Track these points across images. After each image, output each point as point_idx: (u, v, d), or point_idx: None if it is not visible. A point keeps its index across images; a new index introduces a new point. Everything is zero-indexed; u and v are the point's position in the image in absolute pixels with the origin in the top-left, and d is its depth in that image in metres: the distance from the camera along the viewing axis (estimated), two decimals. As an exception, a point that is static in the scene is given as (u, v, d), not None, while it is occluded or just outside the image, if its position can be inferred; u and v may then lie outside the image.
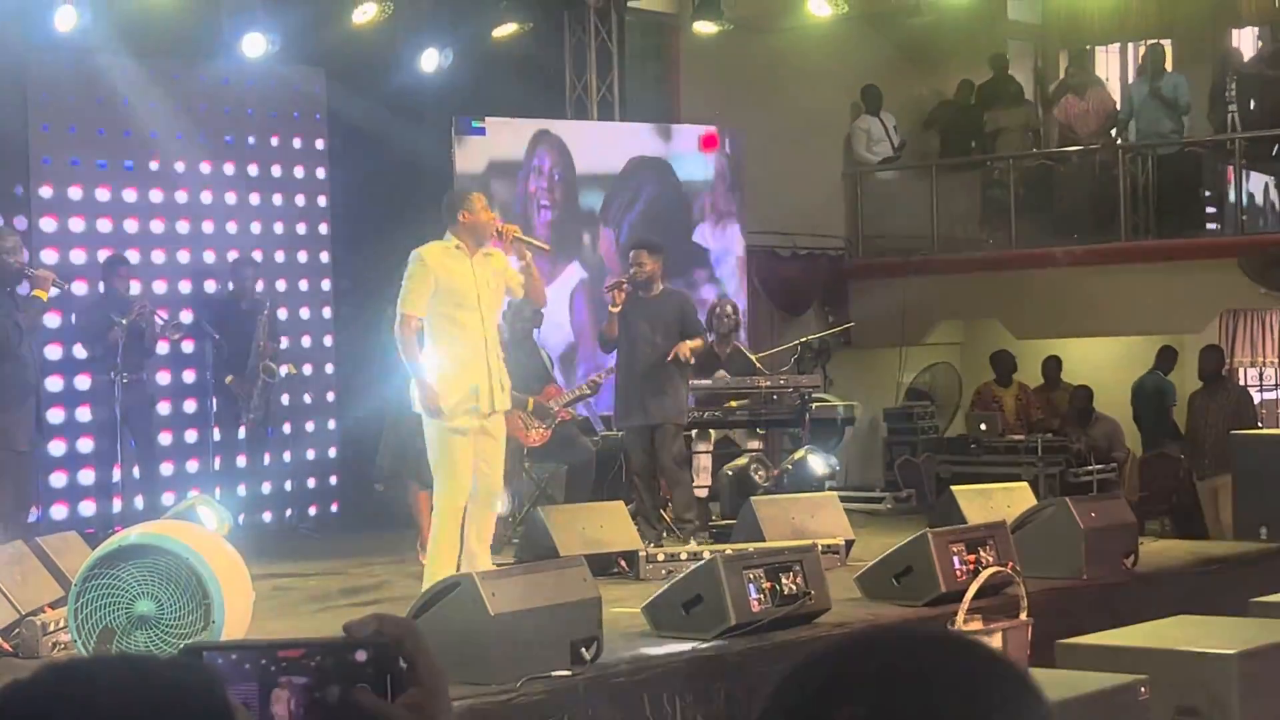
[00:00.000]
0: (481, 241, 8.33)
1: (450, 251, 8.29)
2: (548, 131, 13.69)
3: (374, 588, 9.61)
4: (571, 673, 6.66)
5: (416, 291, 8.20)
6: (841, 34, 15.06)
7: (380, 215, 12.81)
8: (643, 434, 10.52)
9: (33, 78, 11.67)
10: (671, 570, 9.20)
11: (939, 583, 8.02)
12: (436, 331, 8.25)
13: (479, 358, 8.22)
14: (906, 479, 14.20)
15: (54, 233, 11.73)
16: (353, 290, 13.16)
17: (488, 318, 8.31)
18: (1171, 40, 17.36)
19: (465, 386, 8.17)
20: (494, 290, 8.37)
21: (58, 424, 11.59)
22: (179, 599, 5.41)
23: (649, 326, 10.45)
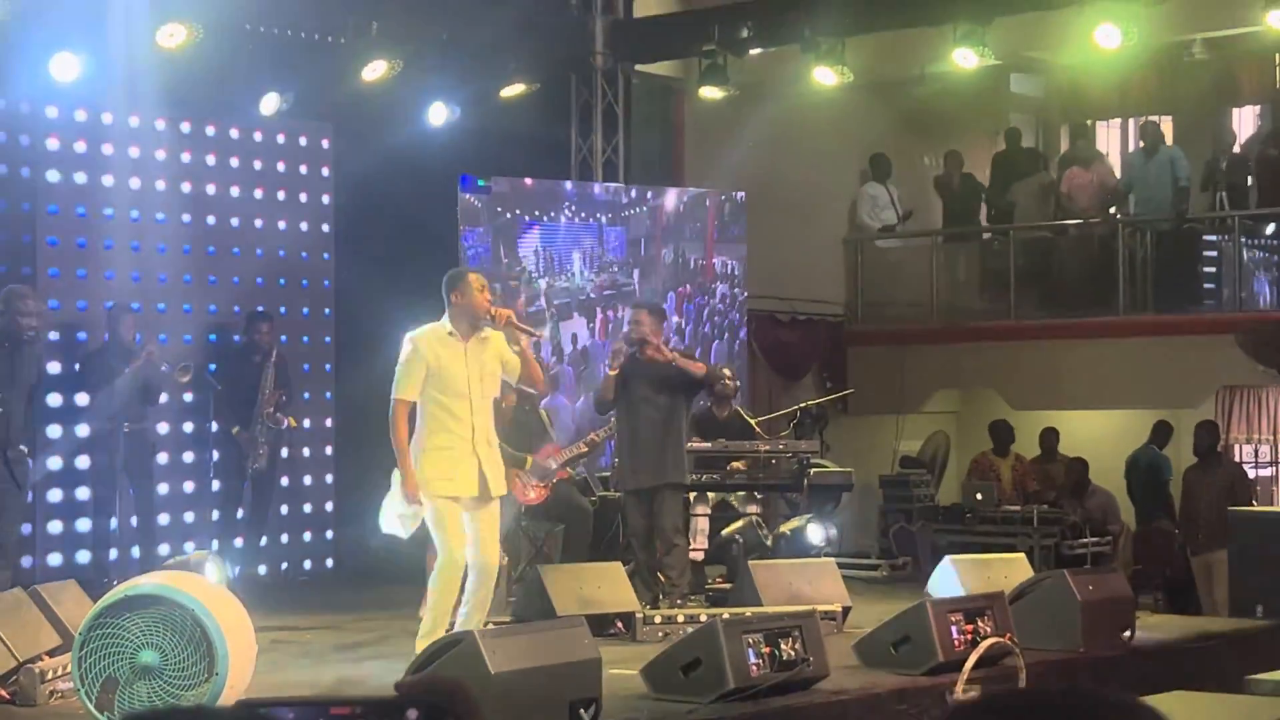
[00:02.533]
0: (476, 325, 8.23)
1: (443, 338, 8.22)
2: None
3: (371, 643, 9.61)
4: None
5: (408, 377, 8.17)
6: (846, 102, 15.15)
7: (384, 271, 12.86)
8: (643, 496, 10.51)
9: (42, 128, 11.75)
10: (669, 632, 9.23)
11: (937, 652, 8.02)
12: (428, 416, 8.18)
13: (466, 446, 8.15)
14: (902, 546, 14.20)
15: (59, 280, 11.77)
16: (354, 345, 13.21)
17: (478, 406, 8.22)
18: (1173, 117, 17.50)
19: (453, 474, 8.12)
20: (488, 377, 8.28)
21: (57, 471, 11.62)
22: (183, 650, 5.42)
23: (649, 388, 10.45)
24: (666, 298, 14.10)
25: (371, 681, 8.09)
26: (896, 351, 16.23)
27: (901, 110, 17.21)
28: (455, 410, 8.14)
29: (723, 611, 9.16)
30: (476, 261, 13.19)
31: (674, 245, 14.35)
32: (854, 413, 15.88)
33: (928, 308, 16.85)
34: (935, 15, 13.05)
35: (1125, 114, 18.63)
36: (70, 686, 7.21)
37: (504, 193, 13.41)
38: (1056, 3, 12.80)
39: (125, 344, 11.46)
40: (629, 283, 14.08)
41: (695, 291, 14.44)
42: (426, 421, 8.18)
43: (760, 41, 13.77)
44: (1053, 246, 16.81)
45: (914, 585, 12.22)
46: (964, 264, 17.49)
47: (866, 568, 13.40)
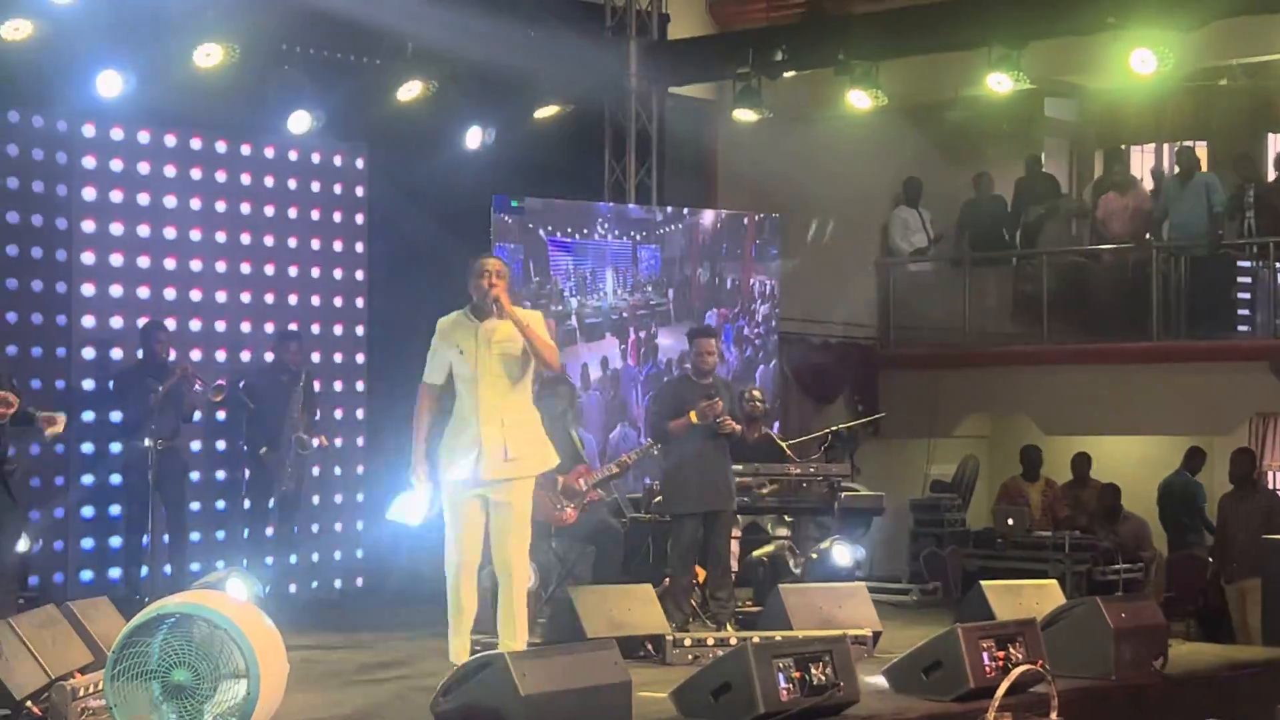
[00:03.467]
0: (486, 308, 8.28)
1: (459, 320, 8.35)
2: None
3: (400, 662, 9.60)
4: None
5: (431, 362, 8.37)
6: (879, 125, 15.15)
7: (417, 291, 12.88)
8: (696, 519, 10.51)
9: (78, 144, 11.81)
10: (698, 655, 9.21)
11: (968, 678, 7.99)
12: (455, 401, 8.32)
13: (471, 427, 8.17)
14: (932, 571, 14.15)
15: (94, 298, 11.83)
16: (386, 365, 13.23)
17: (486, 384, 8.20)
18: (1208, 143, 17.45)
19: (459, 455, 8.16)
20: (496, 357, 8.24)
21: (89, 488, 11.66)
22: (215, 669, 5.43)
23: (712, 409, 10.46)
24: (707, 316, 14.10)
25: (400, 702, 8.09)
26: (928, 375, 16.20)
27: (935, 134, 17.21)
28: (465, 391, 8.23)
29: (752, 635, 9.14)
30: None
31: (710, 264, 14.34)
32: (885, 436, 15.85)
33: (959, 331, 16.81)
34: (970, 39, 13.04)
35: (1160, 139, 18.60)
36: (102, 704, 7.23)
37: (537, 212, 13.43)
38: (1092, 28, 12.77)
39: (159, 361, 11.50)
40: (663, 302, 14.07)
41: (737, 313, 14.44)
42: (453, 406, 8.31)
43: (794, 64, 13.77)
44: (1086, 271, 16.76)
45: (944, 610, 12.19)
46: (996, 288, 17.45)
47: (897, 592, 13.35)
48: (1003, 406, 16.92)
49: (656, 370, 13.88)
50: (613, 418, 13.76)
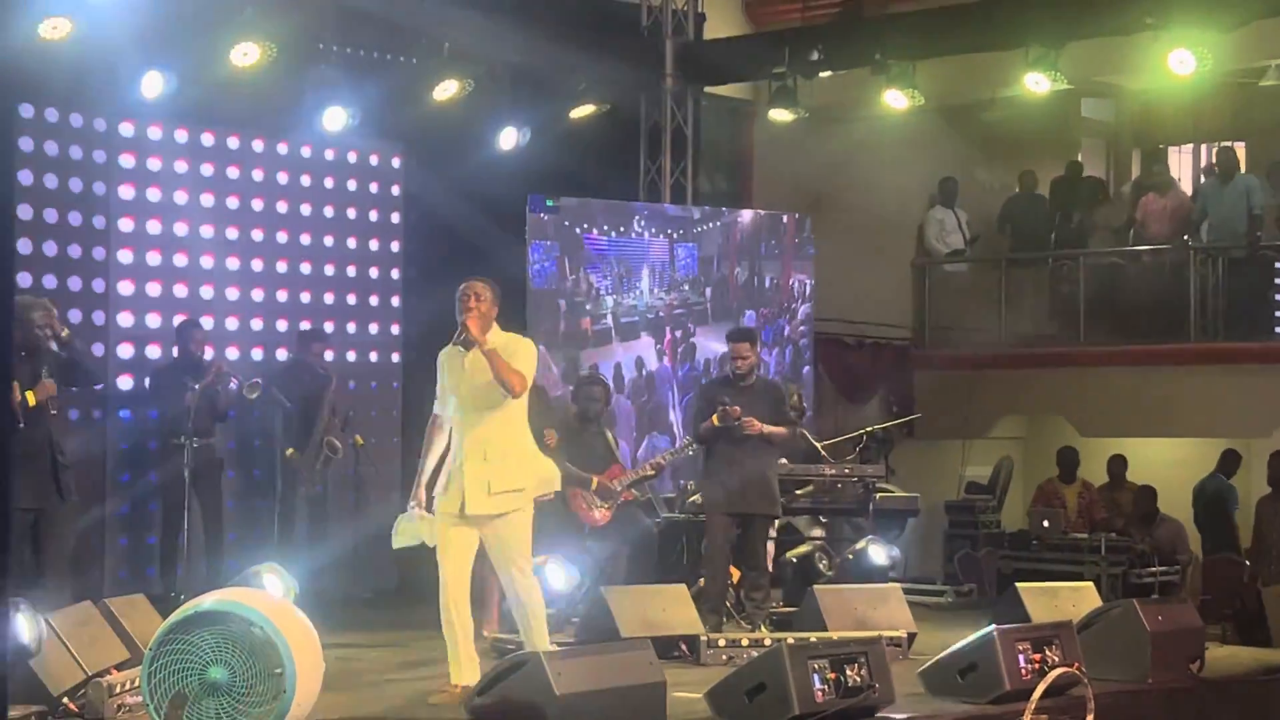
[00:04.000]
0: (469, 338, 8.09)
1: (450, 351, 8.23)
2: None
3: (434, 662, 9.58)
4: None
5: (438, 392, 8.30)
6: (916, 126, 15.12)
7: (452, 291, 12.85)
8: (733, 521, 10.50)
9: (116, 144, 11.86)
10: (733, 656, 9.20)
11: (1004, 681, 7.95)
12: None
13: (456, 459, 8.06)
14: (967, 573, 14.10)
15: (131, 296, 11.87)
16: (421, 364, 13.22)
17: (469, 416, 8.06)
18: (1246, 143, 17.34)
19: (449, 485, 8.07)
20: (477, 387, 8.05)
21: (126, 486, 11.70)
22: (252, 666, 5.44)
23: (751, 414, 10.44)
24: (745, 316, 14.08)
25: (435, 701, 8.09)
26: (963, 376, 16.15)
27: (971, 134, 17.16)
28: (455, 423, 8.13)
29: (787, 636, 9.12)
30: (542, 278, 13.21)
31: (749, 263, 14.31)
32: (920, 437, 15.80)
33: (995, 332, 16.75)
34: (1007, 39, 12.99)
35: (1198, 140, 18.50)
36: (138, 701, 7.24)
37: (573, 211, 13.43)
38: (1130, 28, 12.71)
39: (195, 360, 11.53)
40: (700, 302, 14.04)
41: (777, 312, 14.41)
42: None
43: (831, 64, 13.75)
44: (1124, 273, 16.69)
45: (979, 612, 12.13)
46: (1033, 289, 17.39)
47: (931, 594, 13.31)
48: (1038, 408, 16.86)
49: (695, 372, 13.85)
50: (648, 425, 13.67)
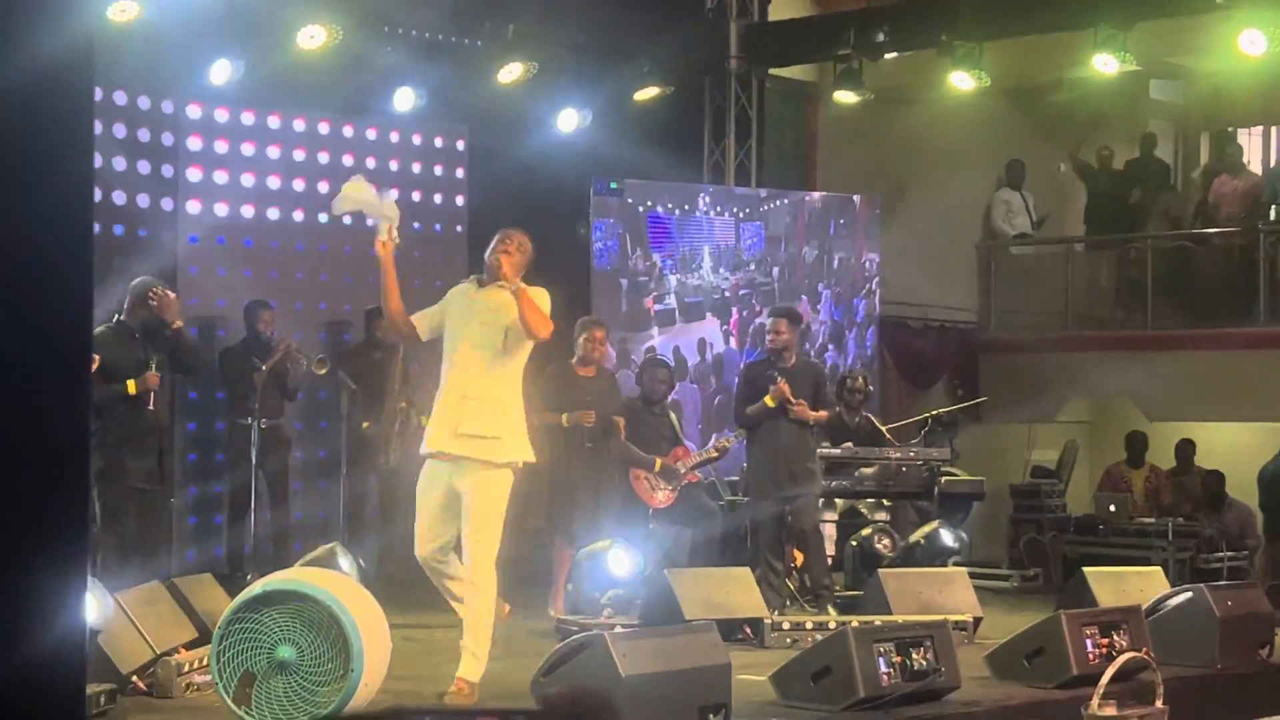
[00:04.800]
0: (493, 277, 7.71)
1: (463, 286, 7.89)
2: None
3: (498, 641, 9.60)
4: (701, 737, 6.64)
5: (428, 311, 7.85)
6: (982, 108, 15.01)
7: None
8: (779, 504, 10.49)
9: (184, 126, 11.92)
10: (797, 639, 9.19)
11: (1071, 665, 7.91)
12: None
13: (443, 393, 7.59)
14: (1032, 557, 14.03)
15: (199, 277, 11.95)
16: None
17: (463, 353, 7.59)
18: (1316, 124, 17.15)
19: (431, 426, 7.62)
20: (477, 326, 7.63)
21: (192, 466, 11.78)
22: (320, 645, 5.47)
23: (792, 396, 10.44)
24: (820, 296, 14.01)
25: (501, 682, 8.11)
26: (1030, 359, 16.05)
27: (1038, 116, 17.03)
28: (447, 358, 7.63)
29: (851, 619, 9.11)
30: (604, 257, 13.20)
31: (819, 242, 14.24)
32: (985, 420, 15.71)
33: (1062, 315, 16.63)
34: (1075, 20, 12.89)
35: (1268, 122, 18.27)
36: (206, 679, 7.31)
37: (637, 193, 13.42)
38: (1200, 8, 12.59)
39: (262, 340, 11.59)
40: (768, 281, 13.98)
41: (851, 291, 14.35)
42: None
43: (896, 45, 13.68)
44: (1192, 255, 16.53)
45: (1045, 597, 12.08)
46: (1101, 271, 17.26)
47: (996, 578, 13.25)
48: (1105, 391, 16.72)
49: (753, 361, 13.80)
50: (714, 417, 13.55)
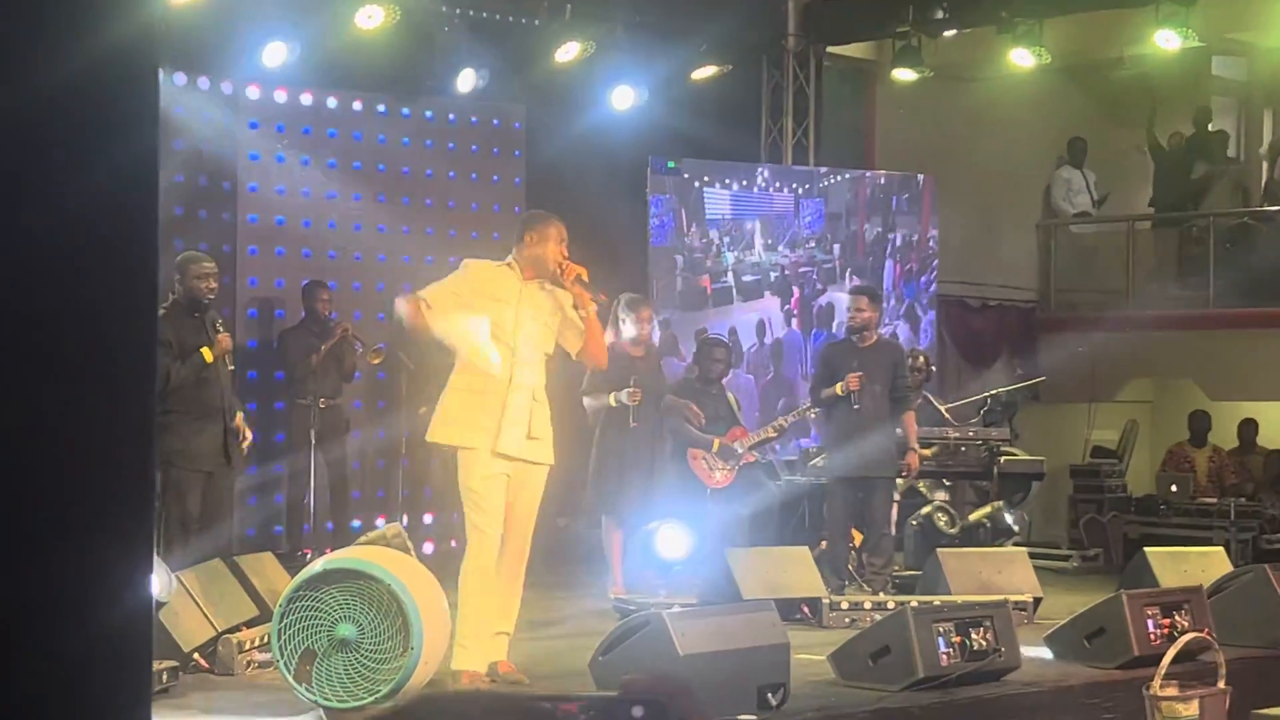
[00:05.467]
0: (540, 273, 7.42)
1: (499, 269, 7.47)
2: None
3: (557, 621, 9.67)
4: (758, 718, 6.64)
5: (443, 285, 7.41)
6: (1042, 86, 14.91)
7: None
8: (853, 484, 10.44)
9: (243, 108, 11.98)
10: (855, 619, 9.18)
11: (1132, 646, 7.87)
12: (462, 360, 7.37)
13: (497, 395, 7.23)
14: (1092, 538, 13.96)
15: (259, 259, 12.01)
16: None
17: (523, 353, 7.31)
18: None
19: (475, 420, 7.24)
20: (540, 326, 7.40)
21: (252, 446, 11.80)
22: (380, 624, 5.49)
23: (868, 377, 10.39)
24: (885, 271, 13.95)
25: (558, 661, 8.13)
26: (1090, 339, 15.94)
27: (1099, 93, 16.90)
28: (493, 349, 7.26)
29: (910, 599, 9.08)
30: (661, 234, 13.18)
31: (880, 219, 14.14)
32: (1045, 400, 15.63)
33: (1123, 294, 16.52)
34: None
35: (1334, 97, 18.07)
36: (267, 657, 7.36)
37: (694, 172, 13.38)
38: (1263, -17, 12.46)
39: (321, 321, 11.64)
40: (829, 259, 13.92)
41: (918, 269, 14.27)
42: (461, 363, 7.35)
43: (956, 23, 13.59)
44: (1254, 233, 16.37)
45: (1105, 577, 12.02)
46: (1162, 250, 17.12)
47: (1056, 558, 13.19)
48: (1167, 371, 16.61)
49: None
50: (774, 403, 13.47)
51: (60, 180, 1.66)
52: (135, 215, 1.73)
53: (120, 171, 1.70)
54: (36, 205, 1.67)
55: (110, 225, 1.71)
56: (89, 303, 1.74)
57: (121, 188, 1.71)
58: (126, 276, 1.76)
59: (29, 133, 1.66)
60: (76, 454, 1.68)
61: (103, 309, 1.73)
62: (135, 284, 1.77)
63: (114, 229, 1.71)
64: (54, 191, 1.66)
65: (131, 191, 1.72)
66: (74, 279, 1.72)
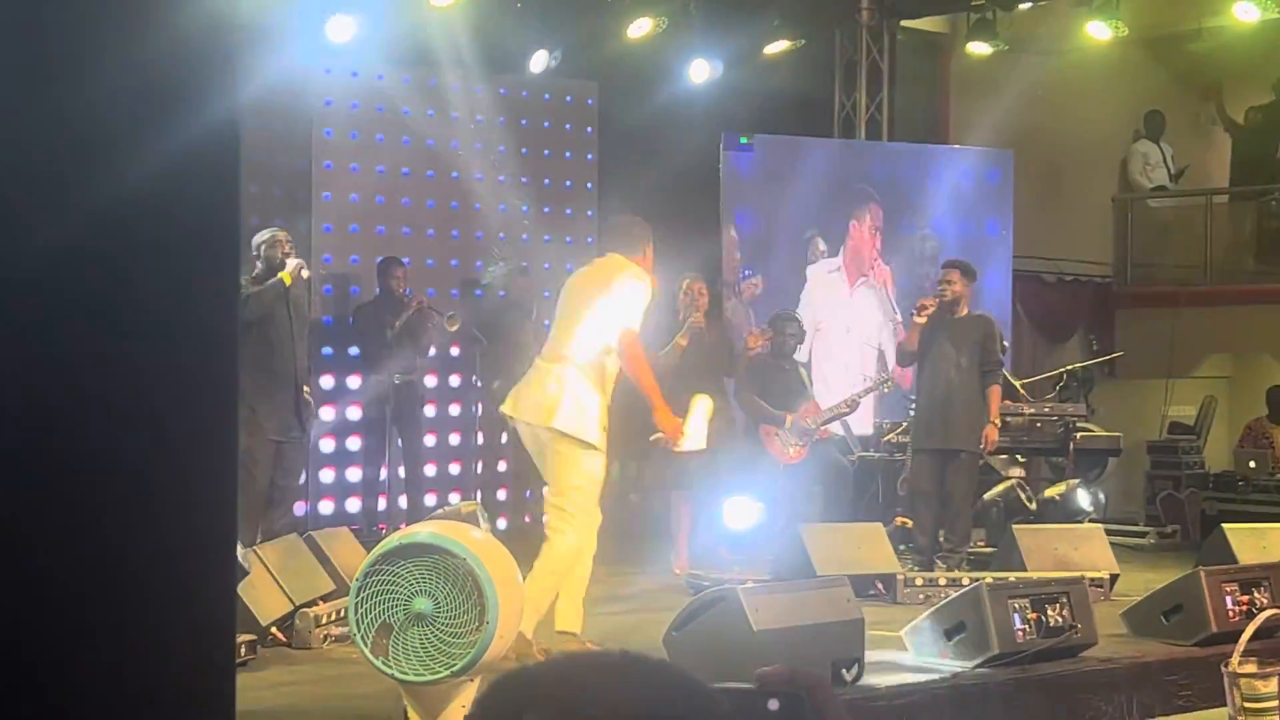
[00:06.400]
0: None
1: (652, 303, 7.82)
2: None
3: (629, 596, 9.69)
4: (832, 693, 6.63)
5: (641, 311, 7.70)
6: (1118, 58, 14.77)
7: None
8: (936, 457, 10.39)
9: (316, 87, 12.03)
10: (929, 595, 9.14)
11: (1210, 622, 7.80)
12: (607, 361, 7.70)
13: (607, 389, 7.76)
14: (1169, 514, 13.84)
15: (333, 236, 12.08)
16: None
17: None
18: None
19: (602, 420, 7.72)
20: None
21: (329, 421, 11.92)
22: (456, 599, 5.51)
23: (953, 348, 10.32)
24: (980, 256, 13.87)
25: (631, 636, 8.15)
26: (1167, 314, 15.80)
27: (1176, 66, 16.72)
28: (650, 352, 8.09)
29: (985, 576, 9.04)
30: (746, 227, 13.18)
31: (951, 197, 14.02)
32: (1122, 376, 15.51)
33: (1200, 269, 16.36)
34: (1215, -33, 12.64)
35: None
36: (343, 631, 7.43)
37: (767, 148, 13.35)
38: (1346, -48, 12.28)
39: (396, 297, 11.69)
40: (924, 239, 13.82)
41: (991, 243, 14.16)
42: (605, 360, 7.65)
43: (1031, -5, 13.50)
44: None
45: (1183, 554, 11.92)
46: (1241, 223, 16.94)
47: (1133, 535, 13.09)
48: (1246, 346, 16.45)
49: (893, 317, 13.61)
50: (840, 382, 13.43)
51: (146, 152, 1.68)
52: (218, 186, 1.74)
53: (203, 144, 1.71)
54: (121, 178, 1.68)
55: (194, 191, 1.72)
56: (172, 279, 1.76)
57: (204, 160, 1.73)
58: (209, 255, 1.78)
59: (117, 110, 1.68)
60: (160, 423, 1.69)
61: (185, 288, 1.75)
62: (217, 261, 1.79)
63: (197, 196, 1.72)
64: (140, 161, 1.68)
65: (214, 163, 1.73)
66: (158, 254, 1.73)
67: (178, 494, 1.70)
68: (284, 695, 6.86)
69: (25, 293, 1.62)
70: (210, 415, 1.72)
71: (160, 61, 1.71)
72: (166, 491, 1.67)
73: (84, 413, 1.62)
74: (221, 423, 1.69)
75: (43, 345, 1.64)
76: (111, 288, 1.67)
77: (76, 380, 1.63)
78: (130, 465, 1.65)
